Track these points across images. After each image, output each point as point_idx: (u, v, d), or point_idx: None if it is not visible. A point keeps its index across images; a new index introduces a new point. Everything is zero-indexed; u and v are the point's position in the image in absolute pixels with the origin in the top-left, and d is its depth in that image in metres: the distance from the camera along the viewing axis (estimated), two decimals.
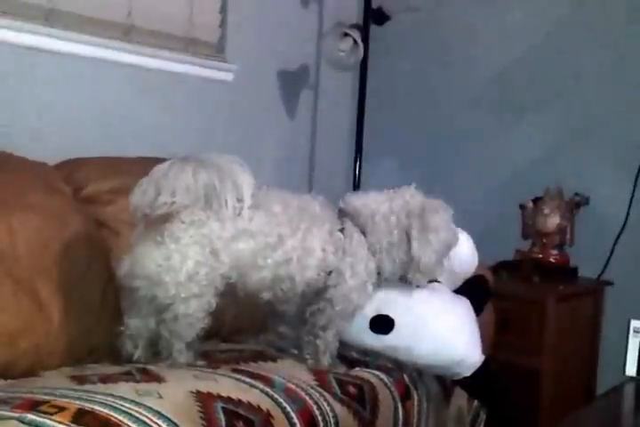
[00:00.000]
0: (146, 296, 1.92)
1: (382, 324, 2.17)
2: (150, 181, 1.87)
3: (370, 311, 2.18)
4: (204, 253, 1.89)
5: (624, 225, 3.20)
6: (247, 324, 2.42)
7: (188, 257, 1.88)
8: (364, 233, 2.10)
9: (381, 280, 2.15)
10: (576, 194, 3.20)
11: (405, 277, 2.14)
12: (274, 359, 2.09)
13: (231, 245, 1.92)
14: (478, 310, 2.32)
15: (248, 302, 2.07)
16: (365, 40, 3.43)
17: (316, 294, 2.09)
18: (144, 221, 1.90)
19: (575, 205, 3.20)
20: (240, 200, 1.92)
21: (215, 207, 1.90)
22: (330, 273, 2.05)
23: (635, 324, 2.26)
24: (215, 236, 1.90)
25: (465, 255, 2.39)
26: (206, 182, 1.88)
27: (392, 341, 2.17)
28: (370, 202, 2.13)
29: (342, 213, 2.12)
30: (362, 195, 2.17)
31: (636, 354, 2.23)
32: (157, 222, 1.88)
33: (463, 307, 2.27)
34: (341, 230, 2.07)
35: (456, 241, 2.18)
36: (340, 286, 2.06)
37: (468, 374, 2.20)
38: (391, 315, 2.17)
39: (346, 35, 3.37)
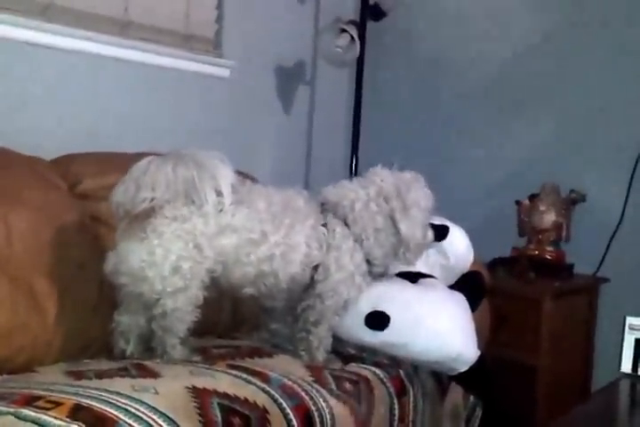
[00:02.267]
0: (132, 292, 1.92)
1: (378, 320, 2.17)
2: (130, 178, 1.88)
3: (365, 307, 2.18)
4: (187, 247, 1.90)
5: (620, 222, 3.20)
6: (243, 320, 2.43)
7: (171, 252, 1.88)
8: (347, 224, 2.11)
9: (372, 268, 2.16)
10: (572, 191, 3.20)
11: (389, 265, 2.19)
12: (270, 355, 2.09)
13: (214, 241, 1.93)
14: (474, 306, 2.32)
15: (233, 295, 2.08)
16: (362, 36, 3.42)
17: (305, 290, 2.09)
18: (127, 218, 1.90)
19: (571, 201, 3.20)
20: (220, 195, 1.92)
21: (197, 203, 1.90)
22: (316, 268, 2.06)
23: (630, 320, 2.26)
24: (198, 231, 1.91)
25: (460, 251, 2.40)
26: (186, 177, 1.88)
27: (388, 337, 2.17)
28: (346, 192, 2.13)
29: (324, 207, 2.12)
30: (336, 187, 2.17)
31: (632, 351, 2.23)
32: (140, 218, 1.88)
33: (459, 303, 2.27)
34: (324, 225, 2.08)
35: (431, 200, 2.17)
36: (327, 280, 2.07)
37: (463, 369, 2.20)
38: (387, 311, 2.17)
39: (343, 31, 3.37)
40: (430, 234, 2.19)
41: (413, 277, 2.29)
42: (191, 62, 3.08)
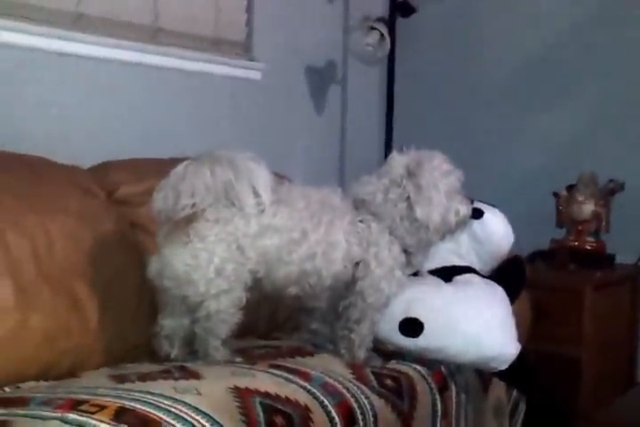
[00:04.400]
0: (177, 296, 1.94)
1: (411, 327, 2.15)
2: (168, 184, 1.89)
3: (399, 313, 2.16)
4: (230, 249, 1.91)
5: None
6: (283, 321, 2.44)
7: (215, 254, 1.90)
8: (379, 220, 2.09)
9: (411, 258, 2.14)
10: (610, 180, 3.17)
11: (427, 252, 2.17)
12: (311, 354, 2.10)
13: (257, 242, 1.94)
14: (514, 294, 2.29)
15: (277, 296, 2.08)
16: (392, 33, 3.42)
17: (346, 288, 2.09)
18: (169, 224, 1.92)
19: (610, 191, 3.17)
20: (258, 196, 1.93)
21: (237, 205, 1.92)
22: (357, 265, 2.06)
23: None
24: (241, 233, 1.92)
25: (496, 235, 2.35)
26: (224, 180, 1.89)
27: (422, 343, 2.15)
28: (366, 186, 2.11)
29: (356, 204, 2.11)
30: (359, 183, 2.14)
31: None
32: (183, 222, 1.90)
33: (495, 300, 2.24)
34: (361, 221, 2.07)
35: (454, 176, 2.12)
36: (368, 277, 2.06)
37: (503, 367, 2.19)
38: (420, 318, 2.15)
39: (372, 28, 3.38)
40: (464, 209, 2.12)
41: (448, 275, 2.27)
42: (223, 66, 3.10)
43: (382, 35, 3.36)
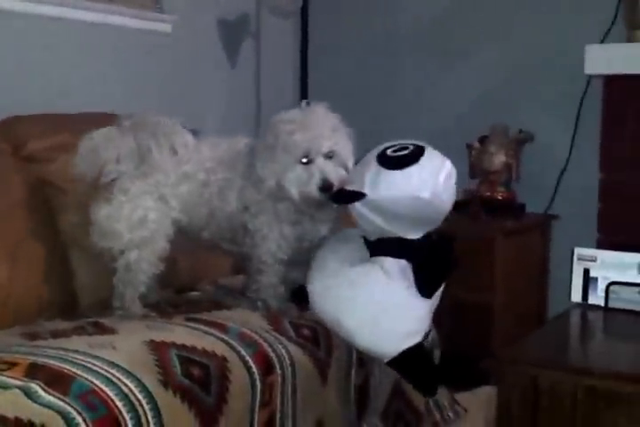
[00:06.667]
0: (103, 250, 1.99)
1: (299, 295, 2.11)
2: (90, 148, 1.95)
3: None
4: (152, 199, 1.99)
5: (568, 159, 3.24)
6: (202, 274, 2.44)
7: (139, 205, 1.97)
8: None
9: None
10: (520, 131, 3.23)
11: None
12: (228, 308, 2.10)
13: (176, 190, 2.02)
14: (429, 285, 2.05)
15: (195, 242, 2.15)
16: None
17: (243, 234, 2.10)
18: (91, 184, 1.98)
19: (520, 141, 3.23)
20: (176, 155, 2.01)
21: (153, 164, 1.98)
22: (246, 209, 2.06)
23: (578, 251, 2.31)
24: (161, 184, 2.00)
25: (396, 199, 1.96)
26: (147, 147, 1.96)
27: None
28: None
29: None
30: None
31: (581, 280, 2.28)
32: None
33: (382, 298, 2.00)
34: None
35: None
36: (251, 222, 2.06)
37: (385, 360, 2.03)
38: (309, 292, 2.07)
39: None
40: (313, 180, 1.94)
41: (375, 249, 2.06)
42: (132, 19, 3.02)
43: None
